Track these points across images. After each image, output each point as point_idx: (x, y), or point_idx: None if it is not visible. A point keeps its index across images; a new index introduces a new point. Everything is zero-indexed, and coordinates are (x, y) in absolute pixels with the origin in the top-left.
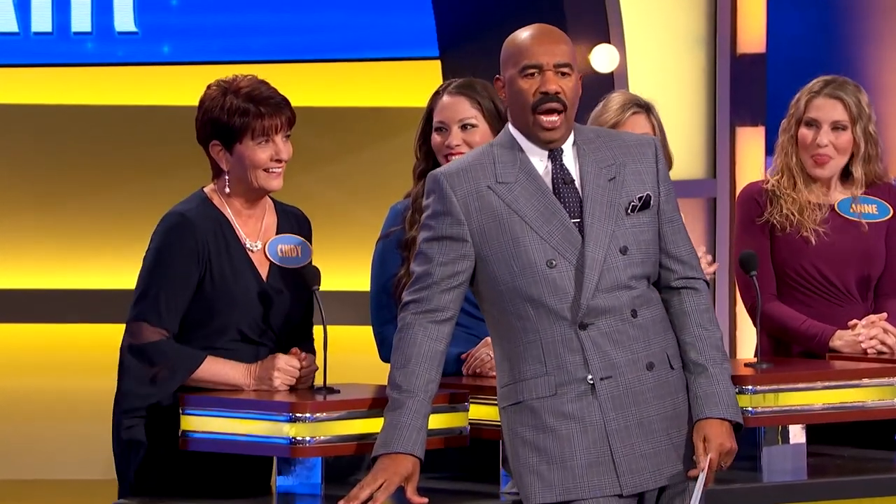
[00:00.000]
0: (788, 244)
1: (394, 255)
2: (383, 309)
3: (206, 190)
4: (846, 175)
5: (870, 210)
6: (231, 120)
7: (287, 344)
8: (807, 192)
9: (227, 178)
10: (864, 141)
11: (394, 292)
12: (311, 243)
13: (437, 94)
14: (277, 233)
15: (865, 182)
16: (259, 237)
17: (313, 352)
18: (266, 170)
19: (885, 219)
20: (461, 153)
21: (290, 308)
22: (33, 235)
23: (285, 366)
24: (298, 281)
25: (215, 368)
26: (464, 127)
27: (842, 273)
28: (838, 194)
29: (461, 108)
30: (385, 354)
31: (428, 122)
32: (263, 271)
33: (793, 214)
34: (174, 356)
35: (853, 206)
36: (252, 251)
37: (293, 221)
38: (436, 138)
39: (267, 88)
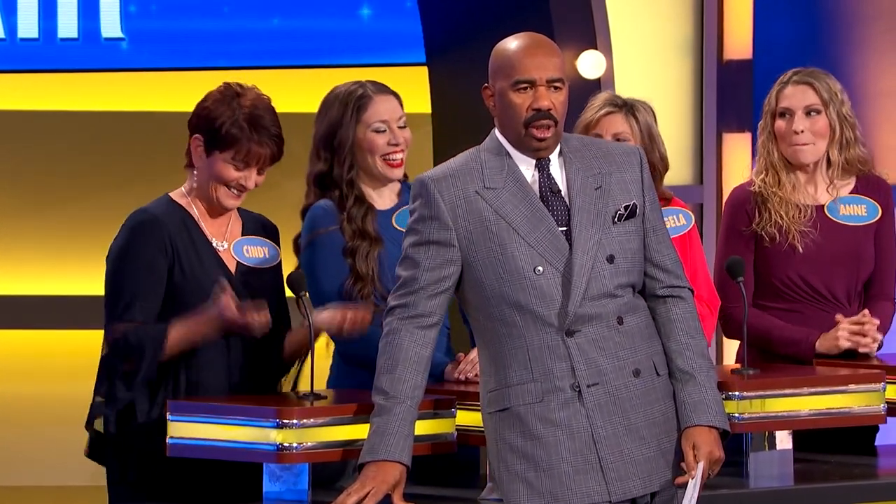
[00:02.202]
0: (775, 255)
1: (336, 261)
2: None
3: (171, 194)
4: (829, 165)
5: (858, 211)
6: (223, 128)
7: (259, 341)
8: (791, 190)
9: (195, 173)
10: (839, 124)
11: (347, 298)
12: (279, 248)
13: (363, 97)
14: (243, 235)
15: (845, 172)
16: (225, 238)
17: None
18: (228, 187)
19: (874, 221)
20: (402, 151)
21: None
22: (20, 241)
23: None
24: (265, 282)
25: (182, 333)
26: (401, 126)
27: (828, 279)
28: (823, 192)
29: (395, 106)
30: (356, 350)
31: (343, 118)
32: (231, 268)
33: (781, 219)
34: (144, 338)
35: (842, 207)
36: (219, 250)
37: (260, 229)
38: (375, 139)
39: (270, 118)
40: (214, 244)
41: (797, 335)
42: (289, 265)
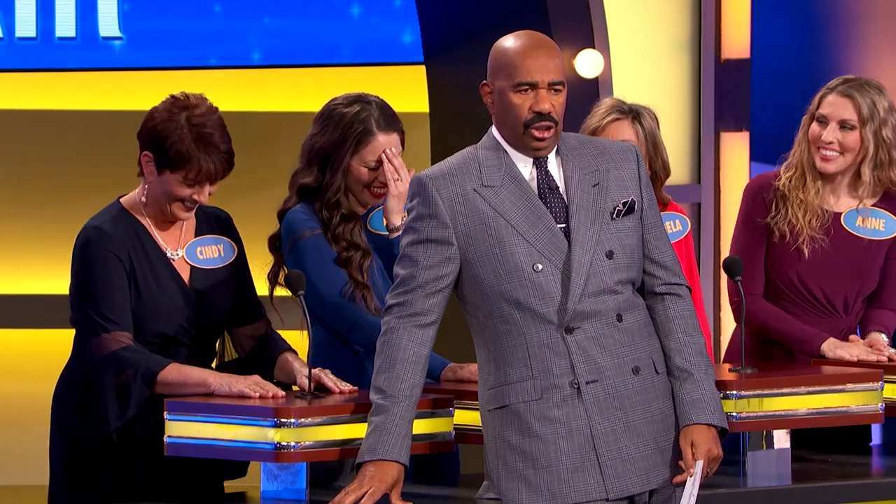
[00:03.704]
0: (782, 253)
1: (328, 263)
2: (344, 310)
3: (121, 200)
4: (857, 179)
5: (876, 225)
6: (172, 149)
7: (213, 345)
8: (814, 194)
9: (146, 187)
10: (873, 143)
11: (346, 299)
12: (236, 242)
13: (366, 133)
14: (196, 236)
15: (876, 189)
16: (179, 244)
17: (267, 323)
18: (182, 201)
19: (890, 237)
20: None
21: (215, 309)
22: (18, 240)
23: (255, 385)
24: (220, 282)
25: (179, 375)
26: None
27: (828, 288)
28: (845, 203)
29: (395, 143)
30: (357, 338)
31: (342, 146)
32: (185, 276)
33: (796, 220)
34: (137, 363)
35: (860, 219)
36: (173, 259)
37: (213, 223)
38: (365, 173)
39: (219, 134)
40: (169, 254)
41: (805, 333)
42: (262, 262)
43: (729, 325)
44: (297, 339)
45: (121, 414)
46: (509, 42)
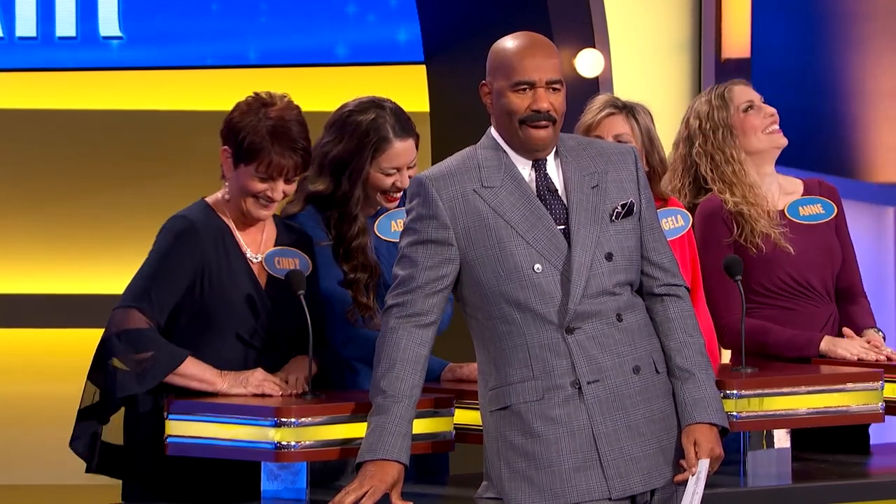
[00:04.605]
0: (769, 258)
1: (334, 278)
2: (344, 324)
3: (207, 200)
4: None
5: (816, 210)
6: (245, 140)
7: (284, 353)
8: (757, 197)
9: (226, 185)
10: None
11: (347, 318)
12: (312, 260)
13: (382, 140)
14: (276, 246)
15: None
16: (259, 249)
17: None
18: (256, 198)
19: (832, 217)
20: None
21: (286, 317)
22: (18, 239)
23: (260, 379)
24: (293, 295)
25: (194, 369)
26: (411, 167)
27: (815, 276)
28: (779, 200)
29: (411, 149)
30: (352, 351)
31: (360, 155)
32: (262, 280)
33: (762, 227)
34: (159, 348)
35: (800, 208)
36: (252, 262)
37: (292, 238)
38: (384, 180)
39: (297, 129)
40: (249, 255)
41: (800, 339)
42: None
43: None
44: None
45: (130, 389)
46: (507, 43)
